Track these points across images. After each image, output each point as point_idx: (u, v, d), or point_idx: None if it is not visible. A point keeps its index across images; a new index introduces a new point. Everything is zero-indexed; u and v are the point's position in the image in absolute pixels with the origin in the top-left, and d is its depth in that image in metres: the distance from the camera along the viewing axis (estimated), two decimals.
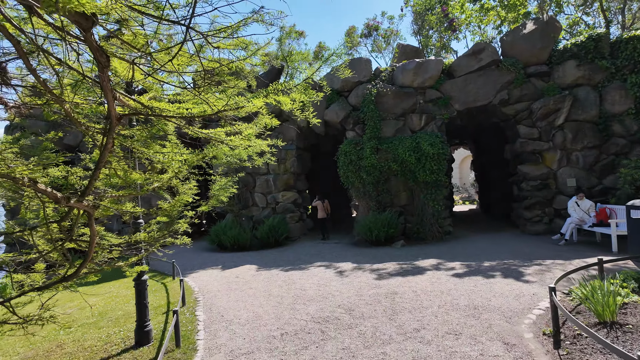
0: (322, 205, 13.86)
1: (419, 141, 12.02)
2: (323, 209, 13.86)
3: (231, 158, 4.84)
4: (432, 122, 12.61)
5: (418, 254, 9.78)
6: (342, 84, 13.22)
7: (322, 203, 13.88)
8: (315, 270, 8.89)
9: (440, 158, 11.89)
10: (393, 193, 12.65)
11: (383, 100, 12.63)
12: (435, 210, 12.01)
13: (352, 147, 12.58)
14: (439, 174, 11.91)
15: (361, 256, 10.13)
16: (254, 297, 7.06)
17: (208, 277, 9.28)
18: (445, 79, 12.65)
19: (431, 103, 12.71)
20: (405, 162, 12.09)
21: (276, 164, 13.93)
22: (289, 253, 11.53)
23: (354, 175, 12.51)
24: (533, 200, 11.95)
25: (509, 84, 12.20)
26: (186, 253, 12.78)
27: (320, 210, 13.86)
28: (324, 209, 13.86)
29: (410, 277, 7.46)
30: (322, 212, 13.85)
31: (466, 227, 14.29)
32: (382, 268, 8.44)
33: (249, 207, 14.36)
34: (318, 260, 10.12)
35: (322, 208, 13.86)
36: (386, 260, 9.35)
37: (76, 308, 7.98)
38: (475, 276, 7.15)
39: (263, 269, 9.52)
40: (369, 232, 11.59)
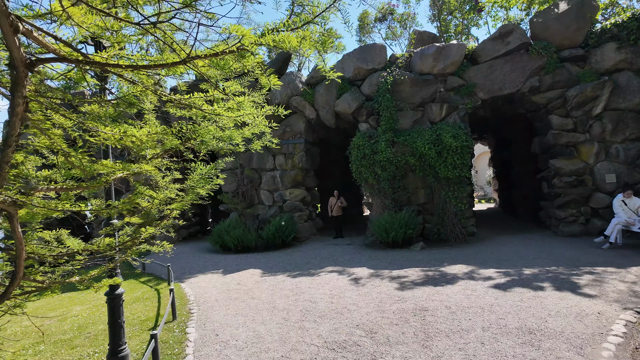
0: (339, 203, 12.87)
1: (440, 133, 10.81)
2: (339, 206, 12.84)
3: (221, 143, 3.75)
4: (454, 112, 11.39)
5: (442, 259, 8.60)
6: (354, 72, 12.06)
7: (339, 200, 12.91)
8: (326, 276, 7.76)
9: (464, 151, 10.67)
10: (410, 190, 11.46)
11: (399, 89, 11.45)
12: (458, 209, 10.80)
13: (365, 140, 11.42)
14: (462, 169, 10.69)
15: (377, 260, 8.98)
16: (256, 311, 5.96)
17: (207, 283, 8.22)
18: (468, 65, 11.41)
19: (453, 91, 11.48)
20: (424, 156, 10.89)
21: (283, 159, 12.84)
22: (297, 256, 10.42)
23: (368, 170, 11.35)
24: (567, 198, 10.66)
25: (539, 69, 10.91)
26: (187, 255, 11.76)
27: (337, 208, 12.81)
28: (340, 206, 12.84)
29: (440, 287, 6.28)
30: (338, 210, 12.81)
31: (488, 227, 13.04)
32: (404, 275, 7.28)
33: (255, 206, 13.29)
34: (329, 264, 8.99)
35: (338, 205, 12.84)
36: (406, 265, 8.19)
37: (57, 319, 6.98)
38: (518, 287, 5.95)
39: (268, 275, 8.42)
40: (385, 233, 10.43)
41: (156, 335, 4.09)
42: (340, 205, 12.91)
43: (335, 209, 12.91)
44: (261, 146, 3.87)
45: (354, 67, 12.00)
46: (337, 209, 12.88)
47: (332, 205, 13.00)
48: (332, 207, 12.98)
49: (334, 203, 12.94)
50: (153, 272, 9.99)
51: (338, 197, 12.99)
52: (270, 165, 13.00)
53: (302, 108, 12.45)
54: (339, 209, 12.89)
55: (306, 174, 13.29)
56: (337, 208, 12.88)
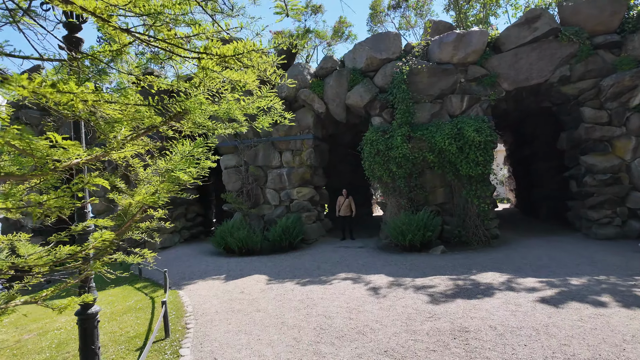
0: (348, 202, 11.94)
1: (461, 127, 9.86)
2: (348, 206, 11.93)
3: (219, 124, 2.85)
4: (475, 104, 10.42)
5: (469, 264, 7.65)
6: (366, 62, 11.14)
7: (348, 199, 11.99)
8: (340, 285, 6.84)
9: (488, 147, 9.72)
10: (428, 189, 10.52)
11: (416, 80, 10.51)
12: (480, 210, 9.83)
13: (379, 135, 10.49)
14: (485, 165, 9.74)
15: (395, 266, 8.04)
16: (262, 327, 5.05)
17: (207, 290, 7.34)
18: (491, 53, 10.44)
19: (474, 82, 10.52)
20: (444, 152, 9.95)
21: (290, 156, 11.94)
22: (305, 259, 9.51)
23: (382, 168, 10.42)
24: (600, 198, 9.66)
25: (570, 57, 9.93)
26: (188, 257, 10.90)
27: (345, 207, 11.90)
28: (349, 206, 11.92)
29: (476, 300, 5.34)
30: (346, 210, 11.91)
31: (509, 229, 12.05)
32: (430, 285, 6.33)
33: (260, 205, 12.40)
34: (342, 270, 8.08)
35: (348, 205, 11.92)
36: (430, 272, 7.24)
37: (38, 332, 6.13)
38: (572, 302, 5.00)
39: (275, 281, 7.52)
40: (401, 235, 9.49)
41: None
42: (349, 205, 11.99)
43: (343, 209, 12.00)
44: (270, 123, 2.97)
45: (367, 57, 11.09)
46: (345, 208, 11.97)
47: (340, 204, 12.10)
48: (340, 207, 12.08)
49: (342, 202, 12.05)
50: (151, 277, 9.13)
51: (347, 195, 12.10)
52: (277, 162, 12.11)
53: (311, 101, 11.55)
54: (347, 208, 11.98)
55: (314, 172, 12.38)
56: (345, 207, 11.97)
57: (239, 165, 12.43)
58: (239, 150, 12.34)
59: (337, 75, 11.35)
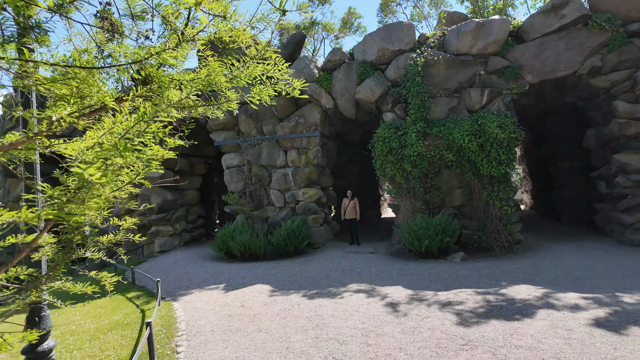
0: (353, 204, 11.05)
1: (482, 122, 9.01)
2: (354, 208, 11.05)
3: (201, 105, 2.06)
4: (497, 98, 9.56)
5: (495, 275, 6.79)
6: (378, 54, 10.32)
7: (353, 201, 11.10)
8: (352, 298, 6.03)
9: (512, 144, 8.86)
10: (444, 190, 9.67)
11: (432, 73, 9.67)
12: (503, 213, 8.96)
13: (391, 132, 9.67)
14: (509, 165, 8.88)
15: (412, 276, 7.21)
16: (264, 354, 4.25)
17: (204, 303, 6.56)
18: (513, 43, 9.57)
19: (495, 74, 9.66)
20: (462, 150, 9.10)
21: (296, 155, 11.15)
22: (312, 266, 8.71)
23: (395, 167, 9.59)
24: (636, 200, 8.75)
25: (601, 46, 9.03)
26: (187, 262, 10.14)
27: (350, 210, 11.04)
28: (354, 208, 11.05)
29: (516, 323, 4.50)
30: (351, 212, 11.05)
31: (530, 233, 11.15)
32: (456, 300, 5.50)
33: (264, 207, 11.61)
34: (353, 279, 7.26)
35: (353, 207, 11.05)
36: (453, 284, 6.41)
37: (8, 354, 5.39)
38: (632, 326, 4.14)
39: (279, 293, 6.72)
40: (416, 240, 8.65)
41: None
42: (355, 207, 11.09)
43: (348, 211, 11.13)
44: (272, 97, 2.17)
45: (378, 49, 10.26)
46: (351, 211, 11.11)
47: (345, 207, 11.25)
48: (344, 210, 11.24)
49: (347, 204, 11.18)
50: (146, 285, 8.36)
51: (352, 197, 11.24)
52: (281, 161, 11.32)
53: (318, 96, 10.74)
54: (352, 210, 11.10)
55: (322, 172, 11.58)
56: (350, 210, 11.11)
57: (241, 164, 11.66)
58: (242, 148, 11.58)
59: (346, 69, 10.54)
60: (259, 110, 11.28)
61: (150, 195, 12.13)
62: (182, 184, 13.22)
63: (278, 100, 10.93)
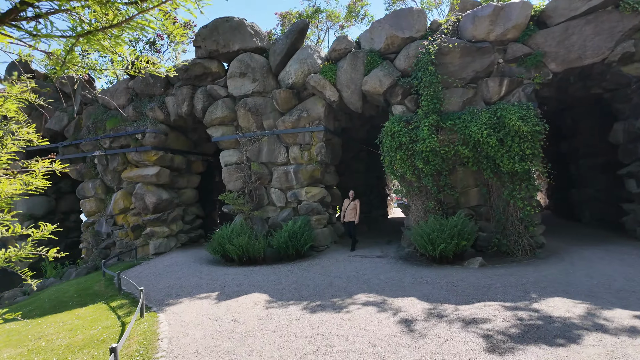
0: (353, 206, 10.09)
1: (501, 115, 8.15)
2: (354, 210, 10.07)
3: None
4: (517, 89, 8.69)
5: (522, 284, 5.94)
6: (386, 42, 9.48)
7: (354, 202, 10.11)
8: (360, 313, 5.22)
9: (535, 138, 8.00)
10: (459, 189, 8.83)
11: (445, 61, 8.83)
12: (525, 214, 8.11)
13: (401, 126, 8.84)
14: (532, 160, 8.02)
15: (428, 285, 6.38)
16: None
17: (193, 314, 5.79)
18: (535, 28, 8.69)
19: (515, 63, 8.79)
20: (480, 145, 8.25)
21: (298, 151, 10.35)
22: (315, 272, 7.91)
23: (405, 164, 8.76)
24: None
25: (635, 31, 8.13)
26: (180, 266, 9.38)
27: (351, 211, 10.07)
28: (355, 210, 10.07)
29: (561, 349, 3.67)
30: (352, 214, 10.06)
31: (551, 235, 10.25)
32: (482, 317, 4.67)
33: (264, 207, 10.84)
34: (360, 288, 6.45)
35: (353, 209, 10.07)
36: (475, 295, 5.57)
37: None
38: None
39: (276, 304, 5.93)
40: (430, 244, 7.81)
41: None
42: (355, 209, 10.03)
43: (347, 213, 10.06)
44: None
45: (387, 36, 9.43)
46: (350, 212, 10.05)
47: (345, 208, 10.20)
48: (344, 211, 10.18)
49: (347, 205, 10.13)
50: (133, 292, 7.62)
51: (353, 198, 10.21)
52: (283, 158, 10.53)
53: (322, 88, 9.93)
54: (352, 212, 10.02)
55: (326, 169, 10.77)
56: (349, 212, 10.05)
57: (240, 161, 10.88)
58: (241, 144, 10.80)
59: (352, 58, 9.72)
60: (259, 103, 10.50)
61: (144, 194, 11.40)
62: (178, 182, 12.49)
63: (279, 92, 10.15)
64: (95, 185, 12.57)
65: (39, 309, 7.16)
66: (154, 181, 11.52)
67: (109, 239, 12.43)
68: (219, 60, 11.11)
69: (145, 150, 11.33)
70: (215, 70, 11.00)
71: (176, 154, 12.21)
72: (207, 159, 13.97)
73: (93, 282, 8.96)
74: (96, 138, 11.98)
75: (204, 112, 11.09)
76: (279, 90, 10.20)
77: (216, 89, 10.86)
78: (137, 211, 11.81)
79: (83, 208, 12.88)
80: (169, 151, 11.84)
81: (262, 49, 10.83)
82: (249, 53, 10.54)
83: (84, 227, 12.91)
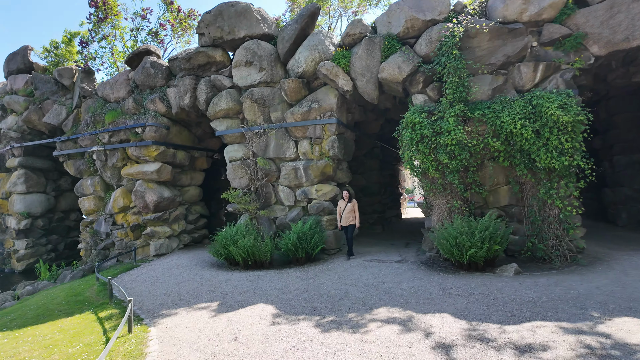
0: (350, 207, 8.76)
1: (537, 103, 7.19)
2: (352, 212, 8.75)
3: None
4: (554, 74, 7.72)
5: (574, 298, 5.00)
6: (406, 25, 8.57)
7: (351, 203, 8.76)
8: (384, 333, 4.34)
9: (577, 130, 7.03)
10: (488, 187, 7.89)
11: (472, 45, 7.91)
12: (565, 215, 7.15)
13: (423, 117, 7.93)
14: (574, 155, 7.05)
15: (460, 296, 5.47)
16: None
17: (188, 330, 4.97)
18: (574, 7, 7.69)
19: (551, 46, 7.82)
20: (513, 138, 7.30)
21: (308, 146, 9.50)
22: (327, 279, 7.05)
23: (427, 159, 7.84)
24: None
25: None
26: (181, 270, 8.59)
27: (349, 214, 8.72)
28: (353, 212, 8.76)
29: None
30: (350, 217, 8.69)
31: (587, 239, 9.23)
32: (538, 343, 3.75)
33: (271, 206, 10.01)
34: (382, 300, 5.56)
35: (351, 211, 8.75)
36: (521, 312, 4.64)
37: None
38: None
39: (284, 320, 5.08)
40: (457, 249, 6.88)
41: None
42: (353, 211, 8.71)
43: (345, 217, 8.67)
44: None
45: (406, 19, 8.52)
46: (348, 215, 8.66)
47: (340, 211, 8.84)
48: (340, 214, 8.82)
49: (343, 208, 8.78)
50: (126, 300, 6.83)
51: (349, 199, 8.84)
52: (292, 153, 9.68)
53: (334, 77, 9.06)
54: (351, 215, 8.66)
55: (338, 166, 9.90)
56: (347, 214, 8.67)
57: (246, 157, 10.06)
58: (247, 139, 9.98)
59: (367, 43, 8.83)
60: (267, 94, 9.67)
61: (144, 192, 10.65)
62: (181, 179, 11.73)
63: (288, 82, 9.30)
64: (94, 182, 11.87)
65: (21, 318, 6.41)
66: (155, 178, 10.76)
67: (108, 239, 11.71)
68: (223, 49, 10.31)
69: (145, 145, 10.58)
70: (219, 59, 10.20)
71: (178, 150, 11.44)
72: (212, 155, 13.20)
73: (86, 286, 8.21)
74: (94, 132, 11.26)
75: (208, 104, 10.29)
76: (288, 79, 9.34)
77: (220, 79, 10.05)
78: (137, 210, 11.07)
79: (82, 206, 12.19)
80: (170, 146, 11.07)
81: (270, 36, 10.00)
82: (256, 40, 9.71)
83: (82, 226, 12.22)
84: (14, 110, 13.66)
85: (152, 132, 10.56)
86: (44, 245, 13.74)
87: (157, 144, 10.62)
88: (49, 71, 13.34)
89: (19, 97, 13.38)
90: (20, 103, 13.25)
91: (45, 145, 13.47)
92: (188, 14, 13.88)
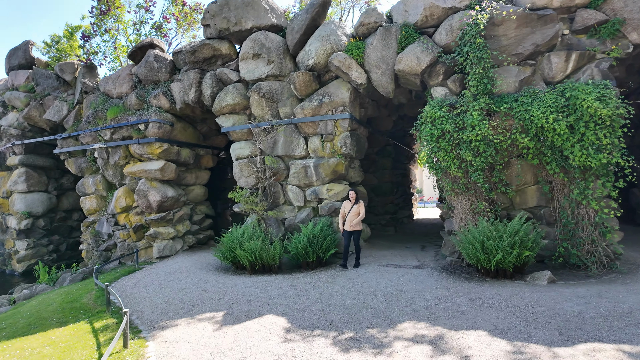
0: (357, 210, 7.79)
1: (571, 95, 6.56)
2: (357, 214, 7.78)
3: None
4: (588, 64, 7.07)
5: (627, 313, 4.37)
6: (423, 14, 7.97)
7: (357, 205, 7.79)
8: (414, 355, 3.74)
9: (616, 124, 6.38)
10: (514, 187, 7.27)
11: (497, 34, 7.28)
12: (601, 218, 6.51)
13: (444, 111, 7.32)
14: (612, 151, 6.41)
15: (493, 309, 4.87)
16: None
17: (190, 346, 4.43)
18: None
19: (585, 34, 7.17)
20: (544, 133, 6.68)
21: (319, 143, 8.93)
22: (342, 286, 6.48)
23: (448, 156, 7.23)
24: None
25: None
26: (185, 274, 8.07)
27: (353, 217, 7.75)
28: (357, 214, 7.78)
29: None
30: (353, 220, 7.69)
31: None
32: None
33: (279, 207, 9.46)
34: (405, 313, 4.98)
35: (357, 214, 7.78)
36: (568, 330, 4.04)
37: None
38: None
39: (297, 335, 4.52)
40: (483, 254, 6.27)
41: None
42: (358, 213, 7.74)
43: (349, 219, 7.69)
44: None
45: (424, 7, 7.92)
46: (353, 218, 7.68)
47: (345, 213, 7.87)
48: (344, 217, 7.86)
49: (348, 209, 7.80)
50: (120, 308, 6.32)
51: (355, 200, 7.89)
52: (301, 151, 9.12)
53: (347, 69, 8.48)
54: (355, 218, 7.69)
55: (350, 164, 9.32)
56: (352, 216, 7.70)
57: (253, 155, 9.53)
58: (254, 135, 9.44)
59: (382, 33, 8.24)
60: (275, 88, 9.12)
61: (147, 191, 10.16)
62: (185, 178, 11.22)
63: (297, 75, 8.74)
64: (96, 181, 11.41)
65: (11, 327, 5.92)
66: (158, 176, 10.26)
67: (110, 240, 11.24)
68: (229, 41, 9.78)
69: (148, 142, 10.08)
70: (225, 52, 9.67)
71: (183, 147, 10.93)
72: (217, 153, 12.69)
73: (84, 291, 7.72)
74: (96, 129, 10.79)
75: (213, 99, 9.77)
76: (298, 72, 8.78)
77: (226, 73, 9.52)
78: (140, 210, 10.58)
79: (83, 206, 11.73)
80: (174, 143, 10.56)
81: (279, 27, 9.45)
82: (264, 31, 9.16)
83: (83, 226, 11.77)
84: (15, 106, 13.26)
85: (156, 128, 10.06)
86: (45, 246, 13.33)
87: (161, 141, 10.12)
88: (50, 66, 12.92)
89: (19, 93, 12.98)
90: (21, 99, 12.84)
91: (47, 143, 13.06)
92: (193, 8, 13.40)
